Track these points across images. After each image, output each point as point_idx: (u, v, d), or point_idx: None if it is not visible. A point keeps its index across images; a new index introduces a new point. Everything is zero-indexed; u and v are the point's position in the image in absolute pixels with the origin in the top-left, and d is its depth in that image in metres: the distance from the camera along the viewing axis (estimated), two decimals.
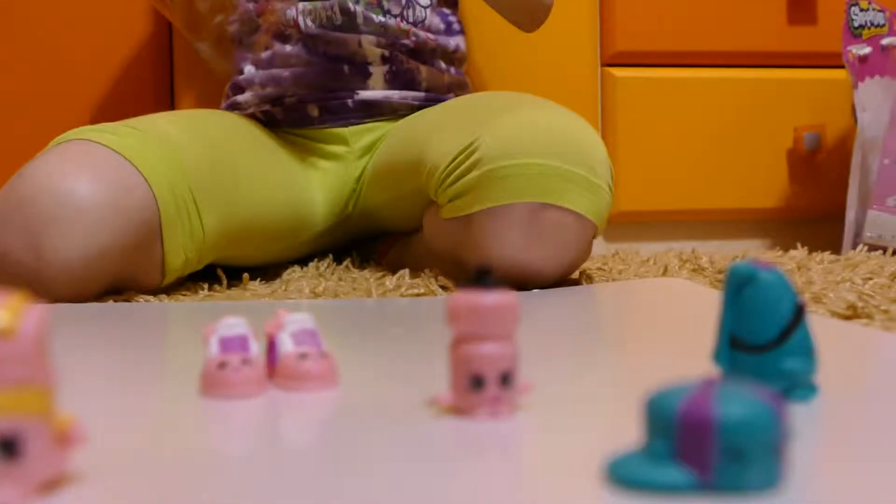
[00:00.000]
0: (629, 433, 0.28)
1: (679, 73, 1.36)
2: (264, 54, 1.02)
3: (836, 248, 1.23)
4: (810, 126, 1.33)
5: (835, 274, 0.81)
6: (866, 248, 1.10)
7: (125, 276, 0.77)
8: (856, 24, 1.22)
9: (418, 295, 0.77)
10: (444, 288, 0.80)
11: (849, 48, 1.22)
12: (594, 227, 0.79)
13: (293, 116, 1.02)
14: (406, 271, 0.85)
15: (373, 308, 0.67)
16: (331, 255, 1.03)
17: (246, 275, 0.87)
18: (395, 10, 1.01)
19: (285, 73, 1.00)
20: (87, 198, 0.73)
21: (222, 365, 0.35)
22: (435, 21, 1.03)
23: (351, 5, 0.98)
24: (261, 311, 0.63)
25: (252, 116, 1.03)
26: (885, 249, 1.09)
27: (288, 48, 1.00)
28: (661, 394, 0.23)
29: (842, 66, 1.26)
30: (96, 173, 0.75)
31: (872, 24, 1.22)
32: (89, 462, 0.25)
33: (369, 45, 0.99)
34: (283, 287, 0.83)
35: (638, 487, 0.22)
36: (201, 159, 0.86)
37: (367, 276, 0.88)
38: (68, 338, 0.54)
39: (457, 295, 0.30)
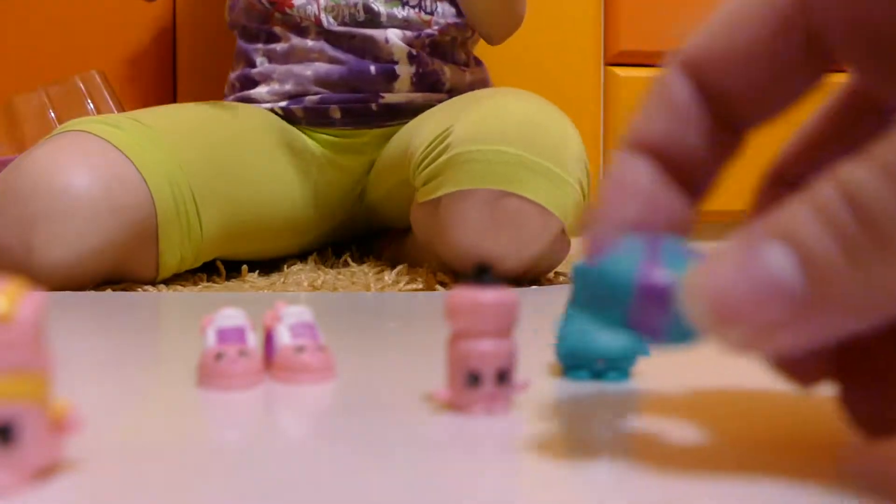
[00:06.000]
0: (627, 430, 0.28)
1: None
2: (279, 47, 1.00)
3: None
4: None
5: None
6: None
7: (118, 272, 0.77)
8: None
9: (416, 290, 0.77)
10: (442, 283, 0.80)
11: None
12: (559, 222, 0.78)
13: (314, 116, 0.99)
14: (404, 266, 0.85)
15: (371, 302, 0.67)
16: (330, 249, 1.03)
17: (245, 267, 0.87)
18: (413, 2, 0.99)
19: (307, 71, 0.97)
20: (82, 195, 0.72)
21: (219, 356, 0.35)
22: (448, 9, 1.02)
23: (374, 4, 0.96)
24: (259, 303, 0.63)
25: (268, 110, 1.00)
26: None
27: (309, 43, 0.98)
28: (609, 262, 0.23)
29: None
30: (94, 170, 0.74)
31: None
32: (85, 449, 0.25)
33: (396, 40, 0.97)
34: (282, 280, 0.83)
35: (603, 356, 0.23)
36: (205, 156, 0.84)
37: (366, 271, 0.88)
38: (66, 325, 0.54)
39: (456, 291, 0.30)
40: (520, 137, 0.77)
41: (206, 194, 0.83)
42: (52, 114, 1.04)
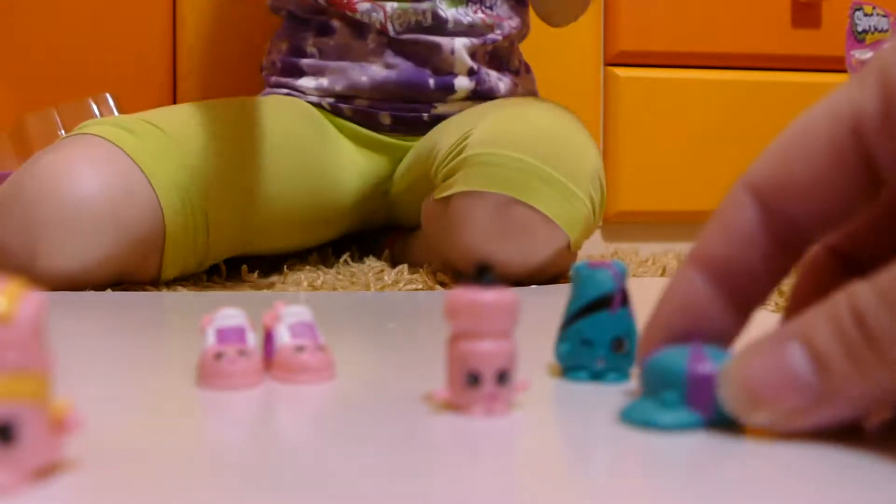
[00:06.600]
0: (625, 431, 0.28)
1: (682, 73, 1.36)
2: (333, 42, 0.97)
3: None
4: None
5: None
6: None
7: (118, 277, 0.76)
8: (859, 29, 1.22)
9: (416, 290, 0.77)
10: (442, 284, 0.80)
11: (852, 53, 1.22)
12: (565, 235, 0.78)
13: (362, 119, 0.98)
14: (405, 266, 0.85)
15: (371, 302, 0.67)
16: (330, 249, 1.03)
17: (245, 267, 0.86)
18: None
19: (363, 76, 0.96)
20: (88, 205, 0.70)
21: (219, 356, 0.35)
22: (503, 2, 1.00)
23: (442, 12, 0.94)
24: (259, 303, 0.63)
25: (313, 104, 0.98)
26: None
27: (370, 45, 0.96)
28: (663, 357, 0.28)
29: (844, 71, 1.26)
30: (102, 178, 0.72)
31: (876, 29, 1.22)
32: (85, 449, 0.25)
33: (462, 53, 0.95)
34: (282, 280, 0.83)
35: (660, 429, 0.28)
36: (220, 159, 0.81)
37: (366, 270, 0.88)
38: (66, 325, 0.54)
39: (456, 291, 0.30)
40: (537, 147, 0.77)
41: (218, 200, 0.81)
42: (63, 133, 1.04)
